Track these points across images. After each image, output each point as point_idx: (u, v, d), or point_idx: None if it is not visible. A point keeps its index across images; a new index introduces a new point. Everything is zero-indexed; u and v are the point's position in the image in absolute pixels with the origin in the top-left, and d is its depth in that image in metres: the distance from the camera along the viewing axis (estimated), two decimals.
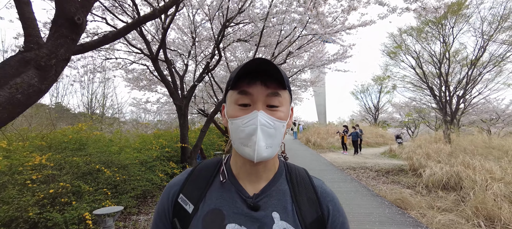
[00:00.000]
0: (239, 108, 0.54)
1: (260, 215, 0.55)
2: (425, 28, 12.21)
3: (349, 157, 9.96)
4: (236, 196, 0.57)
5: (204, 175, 0.62)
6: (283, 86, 0.55)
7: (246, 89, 0.54)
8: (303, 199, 0.59)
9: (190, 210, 0.57)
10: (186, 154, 6.14)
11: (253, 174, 0.59)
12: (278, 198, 0.58)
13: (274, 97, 0.54)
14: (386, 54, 13.83)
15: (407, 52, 13.38)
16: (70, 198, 2.92)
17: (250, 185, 0.59)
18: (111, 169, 3.75)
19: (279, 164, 0.64)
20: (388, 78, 17.44)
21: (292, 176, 0.62)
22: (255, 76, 0.53)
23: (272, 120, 0.53)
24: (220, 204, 0.56)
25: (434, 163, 5.70)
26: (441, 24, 11.51)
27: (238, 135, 0.54)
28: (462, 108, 13.98)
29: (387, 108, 29.71)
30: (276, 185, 0.60)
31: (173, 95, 6.18)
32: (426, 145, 9.32)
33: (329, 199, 0.60)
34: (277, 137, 0.54)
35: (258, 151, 0.51)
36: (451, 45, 11.58)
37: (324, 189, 0.62)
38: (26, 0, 1.87)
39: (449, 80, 12.02)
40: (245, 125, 0.53)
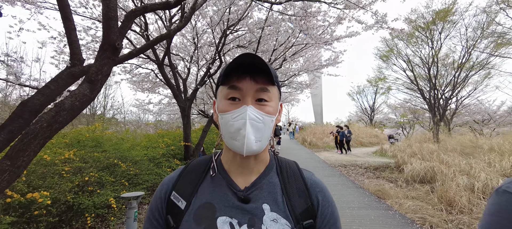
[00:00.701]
0: (229, 103, 0.56)
1: (250, 207, 0.56)
2: (415, 33, 12.82)
3: (342, 156, 10.52)
4: (227, 189, 0.58)
5: (196, 171, 0.64)
6: (271, 81, 0.56)
7: (235, 84, 0.55)
8: (293, 190, 0.60)
9: (182, 206, 0.58)
10: (189, 151, 6.65)
11: (243, 167, 0.60)
12: (269, 190, 0.59)
13: (263, 92, 0.56)
14: (379, 58, 14.46)
15: (398, 56, 14.00)
16: (95, 187, 3.45)
17: (241, 179, 0.60)
18: (126, 164, 4.28)
19: (270, 157, 0.65)
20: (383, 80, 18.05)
21: (282, 168, 0.63)
22: (244, 71, 0.55)
23: (261, 114, 0.55)
24: (211, 198, 0.57)
25: (416, 160, 6.28)
26: (430, 30, 12.13)
27: (227, 129, 0.55)
28: (453, 109, 14.62)
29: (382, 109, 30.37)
30: (267, 178, 0.61)
31: (177, 97, 6.70)
32: (416, 144, 9.87)
33: (319, 190, 0.61)
34: (266, 131, 0.55)
35: (247, 145, 0.52)
36: (439, 49, 12.19)
37: (314, 180, 0.63)
38: (73, 27, 2.41)
39: (438, 83, 12.66)
40: (235, 119, 0.54)
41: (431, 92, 12.96)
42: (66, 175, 3.17)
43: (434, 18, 11.74)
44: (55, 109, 1.99)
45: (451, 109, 14.66)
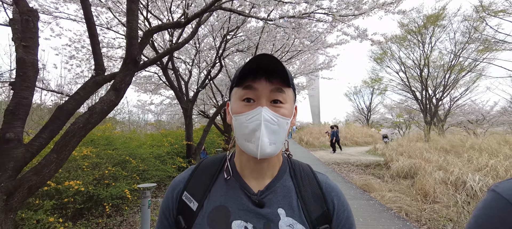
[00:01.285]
0: (244, 104, 0.55)
1: (265, 212, 0.54)
2: (407, 36, 13.32)
3: (336, 154, 11.00)
4: (241, 192, 0.57)
5: (208, 172, 0.62)
6: (287, 83, 0.56)
7: (251, 84, 0.54)
8: (308, 194, 0.58)
9: (194, 208, 0.57)
10: (191, 150, 7.09)
11: (257, 170, 0.59)
12: (283, 194, 0.57)
13: (278, 93, 0.55)
14: (373, 60, 14.97)
15: (392, 58, 14.51)
16: (110, 181, 3.89)
17: (254, 182, 0.59)
18: (136, 161, 4.73)
19: (283, 160, 0.64)
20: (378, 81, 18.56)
21: (296, 172, 0.62)
22: (259, 72, 0.54)
23: (276, 116, 0.53)
24: (225, 201, 0.56)
25: (403, 158, 6.76)
26: (421, 34, 12.63)
27: (242, 131, 0.54)
28: (447, 109, 15.15)
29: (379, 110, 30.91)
30: (281, 181, 0.59)
31: (180, 99, 7.14)
32: (407, 143, 10.35)
33: (334, 194, 0.60)
34: (280, 133, 0.54)
35: (261, 147, 0.51)
36: (430, 52, 12.71)
37: (329, 184, 0.62)
38: (97, 42, 2.85)
39: (429, 84, 13.17)
40: (249, 120, 0.53)
41: (422, 94, 13.49)
42: (86, 169, 3.61)
43: (425, 22, 12.25)
44: (88, 113, 2.44)
45: (444, 110, 15.20)
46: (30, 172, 2.18)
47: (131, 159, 4.52)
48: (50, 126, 2.42)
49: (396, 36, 13.78)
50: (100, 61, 2.87)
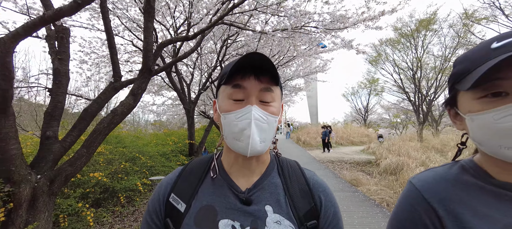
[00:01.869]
0: (233, 103, 0.55)
1: (253, 209, 0.55)
2: (401, 39, 13.82)
3: (330, 153, 11.48)
4: (228, 191, 0.58)
5: (195, 172, 0.62)
6: (276, 81, 0.56)
7: (240, 83, 0.54)
8: (296, 191, 0.59)
9: (182, 209, 0.57)
10: (193, 148, 7.55)
11: (245, 168, 0.59)
12: (271, 191, 0.58)
13: (267, 93, 0.55)
14: (369, 62, 15.46)
15: (386, 60, 15.01)
16: (122, 175, 4.35)
17: (243, 180, 0.59)
18: (144, 157, 5.18)
19: (271, 158, 0.65)
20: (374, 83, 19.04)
21: (283, 169, 0.63)
22: (248, 70, 0.54)
23: (266, 115, 0.54)
24: (212, 200, 0.56)
25: (393, 156, 7.23)
26: (414, 37, 13.13)
27: (231, 129, 0.54)
28: (441, 110, 15.63)
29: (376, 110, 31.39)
30: (268, 179, 0.60)
31: (182, 100, 7.60)
32: (400, 143, 10.82)
33: (321, 190, 0.61)
34: (270, 131, 0.55)
35: (252, 145, 0.52)
36: (423, 55, 13.21)
37: (316, 180, 0.63)
38: (115, 52, 3.30)
39: (421, 86, 13.67)
40: (239, 119, 0.53)
41: (415, 95, 13.98)
42: (102, 164, 4.07)
43: (418, 26, 12.75)
44: (111, 114, 2.90)
45: (439, 110, 15.70)
46: (66, 163, 2.63)
47: (140, 156, 4.98)
48: (78, 126, 2.88)
49: (390, 39, 14.27)
50: (117, 69, 3.32)
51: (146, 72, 3.06)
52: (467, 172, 0.51)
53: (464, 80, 0.45)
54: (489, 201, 0.45)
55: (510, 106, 0.39)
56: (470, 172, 0.50)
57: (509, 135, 0.40)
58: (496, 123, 0.41)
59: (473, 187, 0.48)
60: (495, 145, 0.42)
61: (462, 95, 0.48)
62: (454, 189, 0.49)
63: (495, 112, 0.41)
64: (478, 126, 0.45)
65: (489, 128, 0.43)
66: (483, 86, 0.42)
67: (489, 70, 0.39)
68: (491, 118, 0.42)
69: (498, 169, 0.47)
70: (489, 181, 0.47)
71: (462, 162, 0.54)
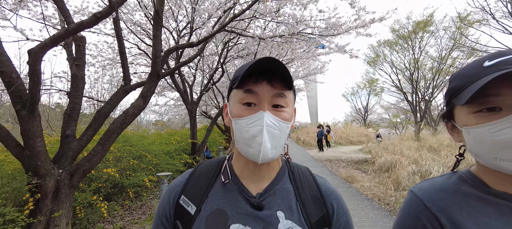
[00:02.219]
0: (244, 108, 0.54)
1: (264, 215, 0.54)
2: (398, 41, 14.07)
3: (329, 152, 11.75)
4: (239, 196, 0.57)
5: (205, 176, 0.62)
6: (289, 86, 0.55)
7: (252, 88, 0.53)
8: (308, 197, 0.59)
9: (192, 212, 0.56)
10: (196, 147, 7.84)
11: (256, 173, 0.59)
12: (282, 197, 0.57)
13: (279, 98, 0.54)
14: (367, 63, 15.72)
15: (384, 61, 15.26)
16: (130, 171, 4.64)
17: (253, 185, 0.59)
18: (150, 155, 5.48)
19: (282, 163, 0.64)
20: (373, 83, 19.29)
21: (295, 174, 0.62)
22: (261, 75, 0.53)
23: (278, 121, 0.53)
24: (223, 204, 0.56)
25: (388, 154, 7.50)
26: (411, 39, 13.38)
27: (242, 135, 0.54)
28: (440, 110, 15.88)
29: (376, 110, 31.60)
30: (280, 184, 0.59)
31: (185, 101, 7.89)
32: (397, 142, 11.07)
33: (334, 197, 0.61)
34: (282, 138, 0.54)
35: (263, 152, 0.51)
36: (419, 56, 13.45)
37: (328, 187, 0.63)
38: (125, 58, 3.60)
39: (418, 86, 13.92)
40: (250, 125, 0.52)
41: (413, 95, 14.24)
42: (112, 161, 4.36)
43: (415, 28, 13.00)
44: (123, 115, 3.19)
45: (438, 110, 15.95)
46: (83, 159, 2.93)
47: (147, 154, 5.28)
48: (93, 125, 3.17)
49: (388, 41, 14.52)
50: (127, 73, 3.61)
51: (154, 76, 3.35)
52: (466, 182, 0.52)
53: (460, 96, 0.47)
54: (488, 211, 0.46)
55: (503, 121, 0.41)
56: (468, 182, 0.52)
57: (503, 147, 0.41)
58: (491, 136, 0.43)
59: (472, 197, 0.49)
60: (491, 157, 0.44)
61: (459, 109, 0.50)
62: (454, 198, 0.50)
63: (490, 126, 0.43)
64: (474, 139, 0.46)
65: (484, 140, 0.44)
66: (477, 101, 0.44)
67: (482, 87, 0.41)
68: (487, 131, 0.44)
69: (495, 179, 0.48)
70: (487, 190, 0.48)
71: (460, 172, 0.55)
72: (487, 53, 1.86)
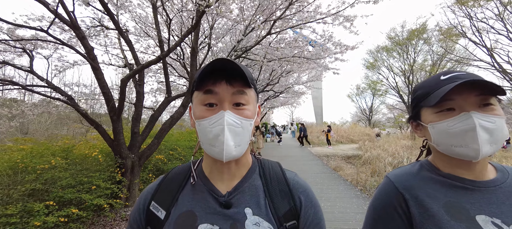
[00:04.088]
0: (206, 109, 0.56)
1: (232, 212, 0.56)
2: (395, 47, 15.16)
3: (329, 149, 13.03)
4: (208, 196, 0.59)
5: (176, 180, 0.64)
6: (248, 84, 0.56)
7: (211, 88, 0.55)
8: (276, 192, 0.60)
9: (162, 216, 0.58)
10: None
11: (225, 172, 0.61)
12: (251, 194, 0.60)
13: (239, 96, 0.56)
14: (366, 68, 16.86)
15: (382, 65, 16.37)
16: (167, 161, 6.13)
17: (223, 184, 0.61)
18: (180, 148, 6.97)
19: (252, 160, 0.66)
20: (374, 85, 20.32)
21: (265, 171, 0.64)
22: (219, 75, 0.54)
23: (239, 119, 0.55)
24: (192, 206, 0.58)
25: (374, 150, 8.76)
26: (406, 45, 14.47)
27: (206, 136, 0.55)
28: None
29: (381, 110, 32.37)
30: (249, 181, 0.62)
31: None
32: (394, 140, 12.22)
33: (301, 190, 0.62)
34: (245, 135, 0.56)
35: (226, 151, 0.53)
36: (414, 61, 14.52)
37: (297, 181, 0.64)
38: (168, 78, 5.07)
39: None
40: (212, 125, 0.54)
41: (409, 97, 15.30)
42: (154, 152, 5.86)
43: (409, 35, 14.09)
44: (170, 119, 4.66)
45: None
46: (145, 149, 4.41)
47: (178, 147, 6.79)
48: (149, 126, 4.66)
49: (385, 47, 15.64)
50: (169, 88, 5.09)
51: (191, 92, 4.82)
52: (424, 167, 0.67)
53: (428, 99, 0.61)
54: (436, 187, 0.62)
55: (456, 118, 0.57)
56: (425, 167, 0.67)
57: (455, 136, 0.57)
58: (448, 129, 0.58)
59: (427, 178, 0.64)
60: (448, 144, 0.59)
61: (425, 110, 0.64)
62: (415, 180, 0.65)
63: (448, 122, 0.58)
64: (437, 132, 0.61)
65: (444, 132, 0.59)
66: (440, 104, 0.58)
67: (442, 93, 0.55)
68: (446, 126, 0.58)
69: (444, 163, 0.64)
70: (437, 173, 0.64)
71: (422, 161, 0.71)
72: None
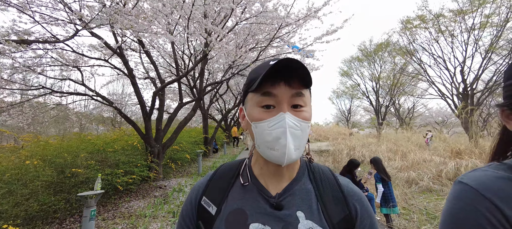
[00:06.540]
0: (263, 111, 0.54)
1: (284, 215, 0.54)
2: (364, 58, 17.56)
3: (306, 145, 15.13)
4: (258, 196, 0.58)
5: (226, 177, 0.65)
6: (306, 85, 0.55)
7: (270, 90, 0.53)
8: (329, 197, 0.58)
9: (213, 212, 0.59)
10: (207, 140, 11.06)
11: (275, 174, 0.59)
12: (302, 197, 0.57)
13: (298, 98, 0.54)
14: (341, 75, 19.22)
15: (355, 73, 18.76)
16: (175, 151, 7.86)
17: (272, 185, 0.60)
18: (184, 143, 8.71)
19: (301, 162, 0.64)
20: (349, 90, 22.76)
21: (315, 174, 0.62)
22: (277, 76, 0.53)
23: (299, 121, 0.53)
24: (242, 204, 0.57)
25: (340, 145, 10.87)
26: (373, 57, 16.88)
27: (264, 138, 0.54)
28: (405, 114, 19.44)
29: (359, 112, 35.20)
30: (299, 184, 0.60)
31: (201, 108, 11.08)
32: (362, 138, 14.40)
33: (356, 198, 0.60)
34: (303, 138, 0.54)
35: (288, 154, 0.51)
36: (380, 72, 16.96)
37: (351, 188, 0.62)
38: (181, 89, 6.84)
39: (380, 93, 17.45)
40: (272, 127, 0.53)
41: (376, 101, 17.76)
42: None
43: (376, 48, 16.50)
44: (185, 119, 6.44)
45: (410, 113, 19.52)
46: (167, 141, 6.14)
47: (183, 142, 8.52)
48: (167, 124, 6.40)
49: (357, 57, 18.01)
50: (181, 96, 6.85)
51: (198, 101, 6.59)
52: None
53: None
54: None
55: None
56: None
57: None
58: None
59: None
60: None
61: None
62: (510, 188, 0.46)
63: None
64: None
65: None
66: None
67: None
68: None
69: None
70: None
71: (509, 162, 0.52)
72: None
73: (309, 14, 5.57)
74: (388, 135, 16.10)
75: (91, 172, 3.86)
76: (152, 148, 5.77)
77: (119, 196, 4.75)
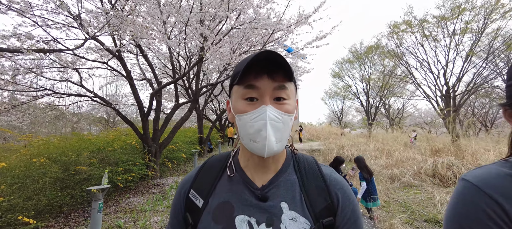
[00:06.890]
0: (246, 103, 0.55)
1: (268, 206, 0.56)
2: (355, 60, 18.08)
3: (300, 145, 15.50)
4: (244, 188, 0.60)
5: (213, 170, 0.66)
6: (289, 78, 0.56)
7: (253, 83, 0.54)
8: (312, 187, 0.60)
9: (200, 204, 0.60)
10: (202, 140, 11.29)
11: (261, 165, 0.61)
12: (286, 188, 0.59)
13: (281, 90, 0.55)
14: (333, 76, 19.72)
15: (346, 74, 19.28)
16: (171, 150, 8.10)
17: (258, 177, 0.61)
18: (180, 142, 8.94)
19: (287, 154, 0.65)
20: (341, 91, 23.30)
21: (300, 165, 0.64)
22: (261, 69, 0.54)
23: (280, 114, 0.54)
24: (229, 197, 0.59)
25: (330, 144, 11.28)
26: (363, 59, 17.41)
27: (246, 131, 0.55)
28: (395, 114, 20.06)
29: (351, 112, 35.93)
30: (284, 176, 0.61)
31: (196, 109, 11.30)
32: (352, 138, 14.88)
33: (338, 187, 0.61)
34: (285, 130, 0.55)
35: (268, 146, 0.52)
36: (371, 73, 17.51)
37: (334, 177, 0.63)
38: (177, 91, 7.09)
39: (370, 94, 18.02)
40: (254, 120, 0.54)
41: (367, 102, 18.32)
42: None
43: (366, 51, 17.03)
44: (181, 119, 6.68)
45: (400, 113, 20.15)
46: (164, 140, 6.38)
47: (179, 141, 8.75)
48: (164, 124, 6.64)
49: (348, 59, 18.53)
50: (177, 97, 7.10)
51: (194, 101, 6.85)
52: None
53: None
54: None
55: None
56: None
57: None
58: None
59: None
60: None
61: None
62: (510, 184, 0.47)
63: None
64: None
65: None
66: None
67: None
68: None
69: None
70: None
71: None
72: None
73: (300, 20, 5.90)
74: (377, 134, 16.71)
75: (93, 169, 4.09)
76: (149, 147, 6.00)
77: (119, 193, 4.98)
